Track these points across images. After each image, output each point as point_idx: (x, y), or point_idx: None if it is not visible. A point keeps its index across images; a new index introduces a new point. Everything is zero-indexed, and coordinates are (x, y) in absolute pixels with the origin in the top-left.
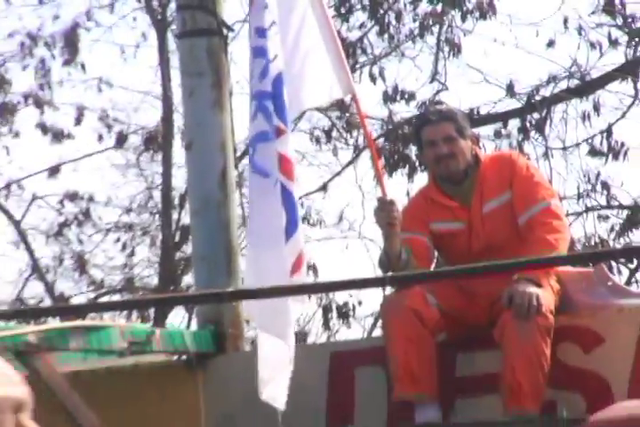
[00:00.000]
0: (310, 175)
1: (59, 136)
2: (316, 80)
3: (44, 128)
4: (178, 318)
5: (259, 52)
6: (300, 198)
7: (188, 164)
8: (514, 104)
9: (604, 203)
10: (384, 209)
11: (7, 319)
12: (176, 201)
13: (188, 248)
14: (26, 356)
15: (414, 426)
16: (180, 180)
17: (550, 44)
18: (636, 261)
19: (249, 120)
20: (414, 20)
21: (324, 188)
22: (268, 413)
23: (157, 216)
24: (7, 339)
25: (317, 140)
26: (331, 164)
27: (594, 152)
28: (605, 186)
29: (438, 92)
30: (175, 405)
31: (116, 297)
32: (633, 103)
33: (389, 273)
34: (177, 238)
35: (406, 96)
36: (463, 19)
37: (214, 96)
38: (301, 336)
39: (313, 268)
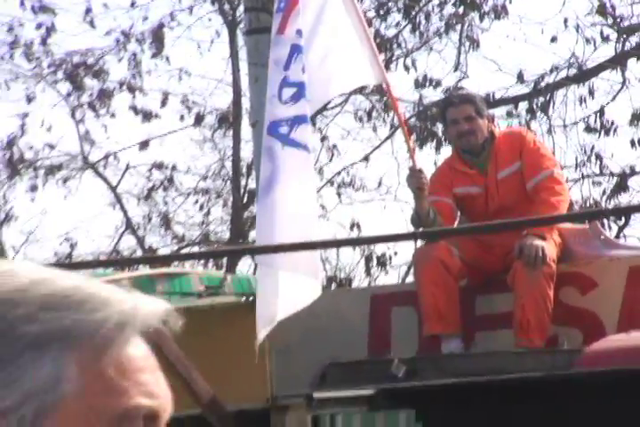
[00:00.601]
0: (354, 148)
1: (147, 116)
2: (350, 69)
3: (135, 110)
4: (245, 266)
5: (299, 50)
6: (346, 168)
7: (254, 138)
8: (523, 89)
9: (597, 171)
10: (414, 176)
11: (105, 267)
12: (244, 169)
13: (254, 208)
14: None
15: (440, 356)
16: (247, 152)
17: (553, 39)
18: (623, 219)
19: (282, 101)
20: (441, 20)
21: (366, 159)
22: (320, 346)
23: (229, 182)
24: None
25: (360, 119)
26: (371, 139)
27: (589, 129)
28: (598, 157)
29: (460, 79)
30: (243, 337)
31: (195, 249)
32: (621, 88)
33: (420, 229)
34: (245, 200)
35: (434, 83)
36: (481, 19)
37: None
38: (347, 282)
39: (357, 225)
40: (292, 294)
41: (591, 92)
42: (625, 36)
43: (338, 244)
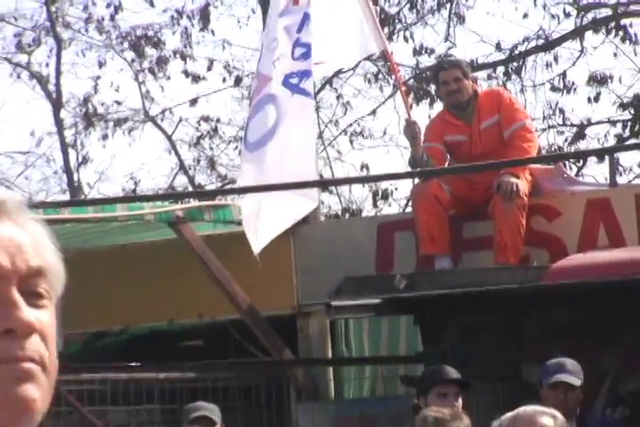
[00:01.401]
0: (364, 104)
1: (196, 79)
2: (358, 40)
3: (186, 73)
4: None
5: (309, 17)
6: (357, 120)
7: None
8: (500, 56)
9: (560, 122)
10: (410, 128)
11: (162, 200)
12: None
13: None
14: (175, 225)
15: (434, 271)
16: None
17: (525, 15)
18: (582, 161)
19: (294, 58)
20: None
21: (373, 112)
22: (336, 265)
23: None
24: (163, 213)
25: (369, 81)
26: (378, 96)
27: (554, 88)
28: (561, 111)
29: (449, 48)
30: (276, 257)
31: (235, 186)
32: (580, 55)
33: (417, 170)
34: None
35: (428, 51)
36: None
37: None
38: (357, 212)
39: (366, 166)
40: (285, 213)
41: (555, 59)
42: (583, 13)
43: (350, 181)
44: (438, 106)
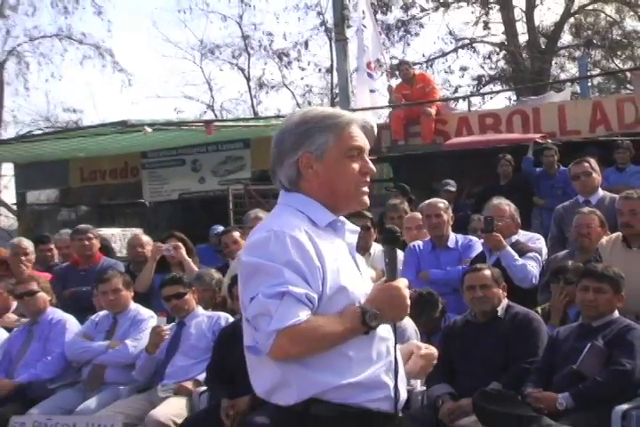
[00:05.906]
0: None
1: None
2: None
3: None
4: None
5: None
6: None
7: None
8: (424, 59)
9: (448, 87)
10: (390, 89)
11: None
12: None
13: None
14: None
15: (398, 145)
16: None
17: (434, 43)
18: (457, 101)
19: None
20: None
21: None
22: None
23: None
24: None
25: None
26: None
27: (445, 72)
28: (448, 81)
29: (404, 56)
30: None
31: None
32: (454, 72)
33: (393, 104)
34: None
35: (396, 58)
36: None
37: None
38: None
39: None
40: None
41: (447, 59)
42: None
43: (367, 109)
44: (399, 80)
